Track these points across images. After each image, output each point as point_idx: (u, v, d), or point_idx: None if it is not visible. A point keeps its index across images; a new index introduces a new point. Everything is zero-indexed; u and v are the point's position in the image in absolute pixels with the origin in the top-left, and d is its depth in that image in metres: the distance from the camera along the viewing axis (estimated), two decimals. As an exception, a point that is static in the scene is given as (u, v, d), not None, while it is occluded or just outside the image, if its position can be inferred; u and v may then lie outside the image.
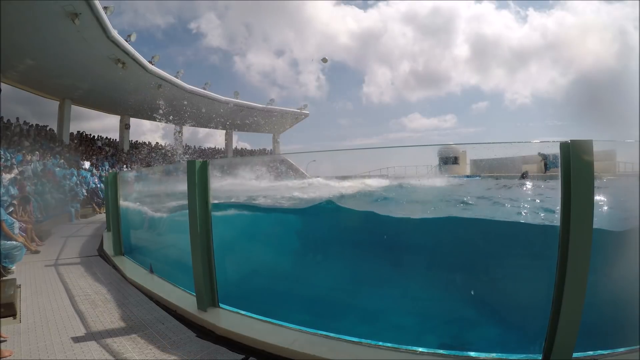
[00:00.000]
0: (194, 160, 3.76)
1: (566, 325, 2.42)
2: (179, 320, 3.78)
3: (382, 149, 5.27)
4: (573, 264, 2.38)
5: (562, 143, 2.49)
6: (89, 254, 7.33)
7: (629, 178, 5.65)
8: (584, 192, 2.39)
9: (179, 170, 7.11)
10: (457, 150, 12.33)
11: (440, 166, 13.37)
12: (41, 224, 9.85)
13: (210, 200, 3.82)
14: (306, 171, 18.14)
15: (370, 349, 2.93)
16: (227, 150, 39.42)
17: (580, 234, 2.38)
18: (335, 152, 6.18)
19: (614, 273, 2.99)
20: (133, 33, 22.25)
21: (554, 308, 2.49)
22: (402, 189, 6.89)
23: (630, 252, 2.93)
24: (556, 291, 2.48)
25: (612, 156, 6.52)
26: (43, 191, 12.68)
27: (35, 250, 7.43)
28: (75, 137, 27.16)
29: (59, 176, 16.21)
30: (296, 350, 2.91)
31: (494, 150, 4.32)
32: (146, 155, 30.89)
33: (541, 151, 8.39)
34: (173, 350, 3.08)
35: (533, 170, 11.51)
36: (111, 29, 18.96)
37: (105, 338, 3.35)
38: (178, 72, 28.36)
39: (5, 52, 17.70)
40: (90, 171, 21.38)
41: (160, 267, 5.44)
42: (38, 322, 3.76)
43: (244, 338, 3.24)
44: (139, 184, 8.23)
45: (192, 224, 3.74)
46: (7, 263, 5.66)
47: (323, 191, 6.93)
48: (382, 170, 9.62)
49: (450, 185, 8.46)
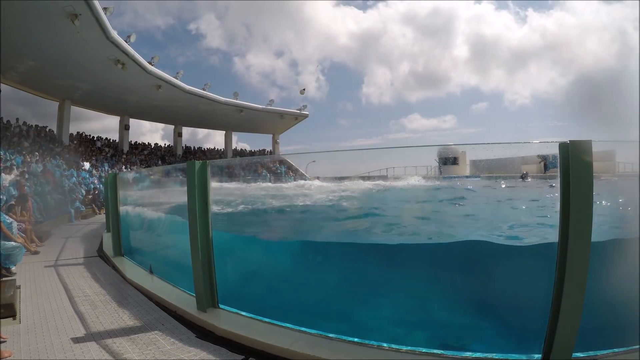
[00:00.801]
0: (193, 160, 3.76)
1: (566, 325, 2.42)
2: (178, 320, 3.78)
3: (382, 149, 5.27)
4: (572, 264, 2.38)
5: (561, 143, 2.49)
6: (89, 255, 7.33)
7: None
8: (583, 193, 2.39)
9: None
10: (456, 150, 12.38)
11: (440, 167, 13.41)
12: (41, 224, 9.85)
13: (210, 201, 3.82)
14: (306, 172, 18.15)
15: (370, 349, 2.93)
16: (227, 151, 39.42)
17: (580, 235, 2.38)
18: (336, 153, 6.19)
19: (613, 273, 2.99)
20: (132, 34, 22.29)
21: (553, 308, 2.49)
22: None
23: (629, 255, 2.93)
24: (555, 291, 2.48)
25: (612, 156, 6.52)
26: (42, 192, 12.67)
27: (34, 251, 7.43)
28: (75, 137, 27.16)
29: (57, 177, 16.19)
30: (296, 351, 2.91)
31: (493, 151, 4.32)
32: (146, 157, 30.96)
33: (540, 152, 8.43)
34: (173, 350, 3.08)
35: (533, 171, 11.53)
36: (111, 29, 18.98)
37: (105, 339, 3.35)
38: (178, 73, 28.35)
39: (5, 53, 17.71)
40: (89, 172, 21.38)
41: (159, 268, 5.44)
42: (38, 323, 3.76)
43: (243, 339, 3.24)
44: (139, 185, 8.23)
45: (192, 225, 3.75)
46: (7, 264, 5.65)
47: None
48: (381, 171, 9.64)
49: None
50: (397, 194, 8.82)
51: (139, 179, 8.46)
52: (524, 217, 6.39)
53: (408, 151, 5.26)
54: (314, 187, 10.02)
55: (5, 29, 15.61)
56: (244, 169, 22.32)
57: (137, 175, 9.19)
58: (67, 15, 16.34)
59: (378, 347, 2.94)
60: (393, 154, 5.60)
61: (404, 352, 2.88)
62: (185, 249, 3.90)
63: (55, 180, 15.60)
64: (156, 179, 8.36)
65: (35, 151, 18.61)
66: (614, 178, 5.87)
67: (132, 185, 8.05)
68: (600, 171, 4.17)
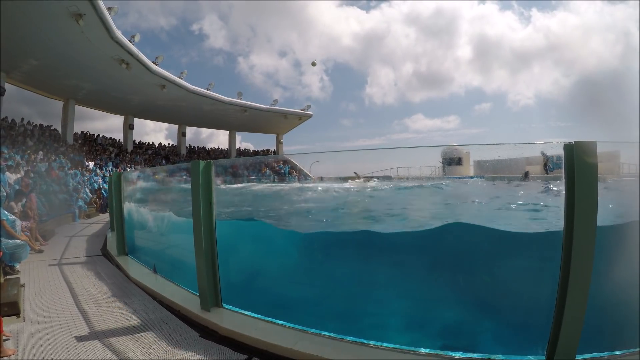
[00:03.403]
0: (197, 160, 3.77)
1: (569, 326, 2.41)
2: (182, 320, 3.80)
3: (385, 149, 5.26)
4: (576, 265, 2.38)
5: (566, 144, 2.48)
6: (93, 254, 7.36)
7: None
8: (587, 194, 2.38)
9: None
10: (460, 151, 12.33)
11: (444, 167, 13.37)
12: (44, 223, 9.89)
13: (214, 201, 3.83)
14: (309, 172, 18.17)
15: (373, 349, 2.93)
16: (231, 151, 39.46)
17: (584, 235, 2.38)
18: (339, 153, 6.19)
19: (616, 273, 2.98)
20: (137, 34, 22.33)
21: (557, 309, 2.48)
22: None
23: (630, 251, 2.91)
24: (559, 292, 2.47)
25: (616, 157, 6.49)
26: (47, 191, 12.71)
27: (38, 250, 7.46)
28: (79, 137, 27.24)
29: (62, 176, 16.25)
30: (299, 351, 2.92)
31: (497, 151, 4.31)
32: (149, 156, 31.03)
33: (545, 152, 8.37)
34: (176, 350, 3.09)
35: (536, 172, 11.48)
36: (115, 29, 19.01)
37: (109, 337, 3.36)
38: (182, 73, 28.40)
39: (10, 53, 17.80)
40: (93, 171, 21.45)
41: (163, 267, 5.46)
42: (41, 321, 3.78)
43: (247, 338, 3.24)
44: (144, 184, 8.25)
45: (196, 224, 3.76)
46: (11, 262, 5.68)
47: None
48: (385, 171, 9.63)
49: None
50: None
51: (143, 179, 8.48)
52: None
53: (412, 152, 5.25)
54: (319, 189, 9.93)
55: (9, 29, 15.67)
56: (247, 169, 22.34)
57: (141, 175, 9.21)
58: (72, 15, 16.37)
59: (381, 348, 2.94)
60: (397, 154, 5.59)
61: (407, 352, 2.88)
62: (188, 247, 3.92)
63: (60, 179, 15.65)
64: (160, 179, 8.37)
65: (39, 150, 18.68)
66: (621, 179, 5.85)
67: (137, 184, 8.07)
68: (604, 172, 4.14)
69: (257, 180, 23.16)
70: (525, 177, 9.15)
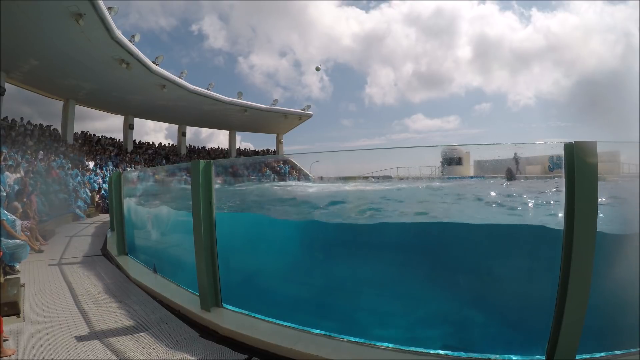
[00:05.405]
0: (197, 160, 3.77)
1: (569, 326, 2.41)
2: (182, 320, 3.80)
3: (385, 149, 5.25)
4: (576, 265, 2.37)
5: (566, 144, 2.48)
6: (93, 254, 7.36)
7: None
8: (588, 194, 2.38)
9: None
10: (460, 151, 12.31)
11: (444, 167, 13.35)
12: (45, 223, 9.88)
13: (214, 200, 3.82)
14: (309, 172, 18.15)
15: (373, 349, 2.93)
16: (231, 151, 39.45)
17: (584, 236, 2.37)
18: (339, 153, 6.18)
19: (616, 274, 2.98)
20: (137, 34, 22.33)
21: (557, 309, 2.48)
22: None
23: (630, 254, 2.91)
24: (560, 292, 2.47)
25: (616, 157, 6.48)
26: (47, 191, 12.71)
27: (38, 250, 7.46)
28: (79, 137, 27.24)
29: (62, 176, 16.24)
30: (300, 351, 2.92)
31: (497, 151, 4.31)
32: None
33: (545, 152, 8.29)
34: (176, 349, 3.09)
35: (537, 172, 11.47)
36: (115, 29, 19.00)
37: (109, 337, 3.36)
38: (182, 73, 28.38)
39: (10, 53, 17.80)
40: (93, 171, 21.45)
41: (163, 267, 5.45)
42: (41, 321, 3.78)
43: (247, 338, 3.24)
44: (143, 184, 8.25)
45: (196, 224, 3.76)
46: (12, 262, 5.67)
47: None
48: (385, 171, 9.61)
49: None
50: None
51: (143, 178, 8.48)
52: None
53: (412, 151, 5.25)
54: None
55: (10, 29, 15.68)
56: (247, 169, 22.33)
57: (141, 175, 9.20)
58: (72, 15, 16.37)
59: (381, 348, 2.94)
60: (397, 154, 5.58)
61: (407, 352, 2.88)
62: (189, 247, 3.93)
63: (60, 179, 15.65)
64: (160, 179, 8.38)
65: (39, 150, 18.68)
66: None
67: (136, 184, 8.07)
68: (604, 172, 4.14)
69: (257, 180, 23.16)
70: (509, 176, 8.74)
